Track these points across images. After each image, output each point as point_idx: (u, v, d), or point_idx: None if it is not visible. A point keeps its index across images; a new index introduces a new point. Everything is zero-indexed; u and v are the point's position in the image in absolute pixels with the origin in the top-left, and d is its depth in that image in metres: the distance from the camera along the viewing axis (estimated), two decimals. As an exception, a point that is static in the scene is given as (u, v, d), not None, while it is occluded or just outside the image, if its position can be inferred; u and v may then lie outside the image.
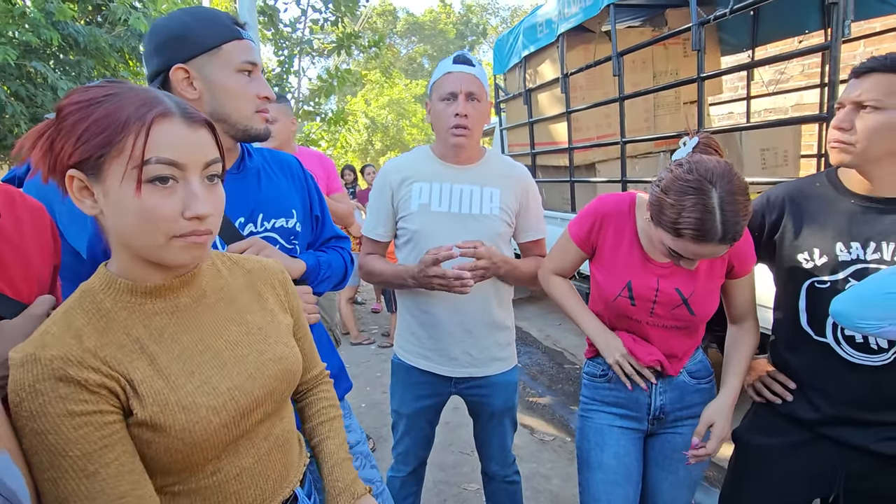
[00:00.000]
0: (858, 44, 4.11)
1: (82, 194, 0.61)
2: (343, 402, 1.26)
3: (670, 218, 0.97)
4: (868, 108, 0.97)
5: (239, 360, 0.71)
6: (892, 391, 1.02)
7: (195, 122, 0.63)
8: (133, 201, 0.59)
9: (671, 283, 1.14)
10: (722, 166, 0.96)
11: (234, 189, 1.02)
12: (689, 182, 0.95)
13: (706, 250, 0.97)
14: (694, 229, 0.94)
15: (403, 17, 24.31)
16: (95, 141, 0.58)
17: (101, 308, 0.63)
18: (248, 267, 0.81)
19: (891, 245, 1.00)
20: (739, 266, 1.16)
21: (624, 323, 1.22)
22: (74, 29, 4.27)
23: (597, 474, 1.25)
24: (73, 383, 0.57)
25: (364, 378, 3.66)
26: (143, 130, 0.59)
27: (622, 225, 1.19)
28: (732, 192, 0.93)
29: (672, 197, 0.96)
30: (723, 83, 4.32)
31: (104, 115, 0.59)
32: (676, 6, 3.36)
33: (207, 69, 0.94)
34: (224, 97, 0.96)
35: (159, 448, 0.63)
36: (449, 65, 1.35)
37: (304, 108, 6.76)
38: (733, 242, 0.96)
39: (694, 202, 0.93)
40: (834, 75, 1.82)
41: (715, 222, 0.93)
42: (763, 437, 1.19)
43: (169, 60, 0.94)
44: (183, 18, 0.95)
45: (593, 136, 3.47)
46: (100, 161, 0.59)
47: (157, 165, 0.59)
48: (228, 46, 0.95)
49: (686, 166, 0.98)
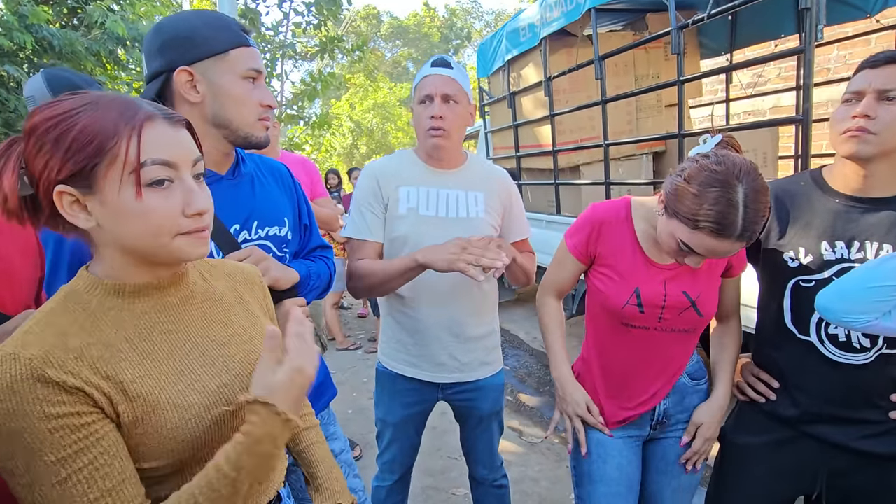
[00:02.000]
0: (832, 48, 4.23)
1: (73, 209, 0.60)
2: (327, 411, 1.24)
3: (691, 209, 0.94)
4: (893, 100, 0.95)
5: (227, 360, 0.71)
6: (872, 390, 1.04)
7: (176, 122, 0.64)
8: (135, 206, 0.59)
9: (678, 287, 1.13)
10: (749, 164, 0.94)
11: (230, 195, 1.01)
12: (717, 174, 0.92)
13: (722, 247, 0.94)
14: (714, 223, 0.91)
15: (387, 21, 24.32)
16: (86, 151, 0.57)
17: (88, 308, 0.63)
18: (226, 271, 0.81)
19: (874, 245, 1.01)
20: (737, 265, 1.17)
21: (627, 333, 1.18)
22: (49, 32, 4.17)
23: (599, 487, 1.22)
24: (51, 384, 0.56)
25: (350, 384, 3.62)
26: (135, 134, 0.59)
27: (621, 231, 1.16)
28: (757, 190, 0.92)
29: (696, 187, 0.93)
30: (703, 86, 4.39)
31: (90, 124, 0.58)
32: (656, 11, 3.41)
33: (212, 73, 0.93)
34: (228, 103, 0.94)
35: (151, 449, 0.62)
36: (427, 68, 1.35)
37: (288, 111, 6.71)
38: (749, 242, 0.94)
39: (718, 195, 0.91)
40: (808, 78, 1.86)
41: (737, 218, 0.90)
42: (747, 436, 1.20)
43: (173, 61, 0.92)
44: (191, 20, 0.93)
45: (577, 139, 3.50)
46: (93, 171, 0.58)
47: (154, 167, 0.60)
48: (235, 52, 0.94)
49: (714, 158, 0.95)
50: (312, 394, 1.16)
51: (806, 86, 1.87)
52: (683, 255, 1.01)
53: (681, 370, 1.21)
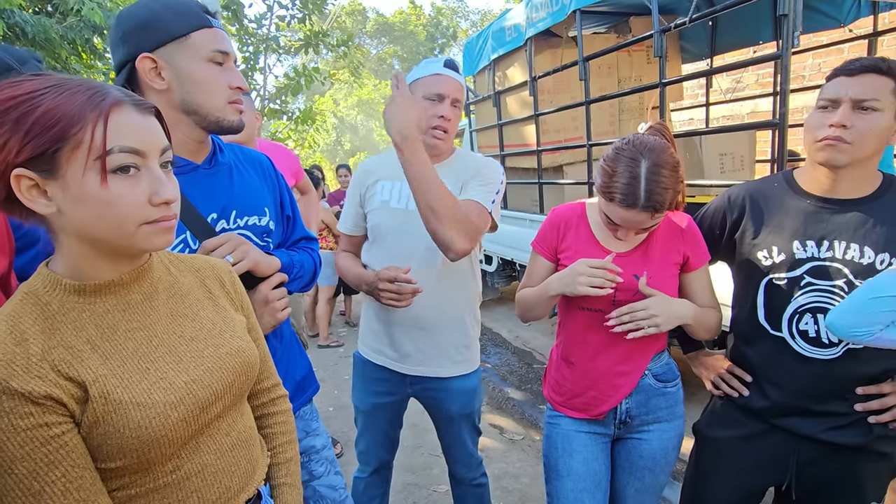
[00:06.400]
0: (807, 55, 4.35)
1: (32, 193, 0.58)
2: (310, 406, 1.23)
3: (605, 182, 1.09)
4: (867, 109, 0.97)
5: (195, 355, 0.70)
6: (840, 383, 1.08)
7: (145, 109, 0.63)
8: (99, 193, 0.58)
9: (629, 270, 1.17)
10: (657, 143, 1.08)
11: (206, 184, 0.99)
12: (623, 152, 1.08)
13: (631, 216, 1.06)
14: (621, 193, 1.05)
15: (373, 18, 24.15)
16: (49, 135, 0.56)
17: (48, 310, 0.61)
18: (195, 266, 0.80)
19: (842, 244, 1.05)
20: (694, 258, 1.20)
21: (588, 318, 1.21)
22: (22, 18, 4.03)
23: (566, 482, 1.24)
24: (16, 396, 0.54)
25: (332, 381, 3.60)
26: (101, 120, 0.57)
27: (578, 225, 1.26)
28: (659, 164, 1.04)
29: (608, 164, 1.09)
30: (683, 90, 4.48)
31: (53, 107, 0.56)
32: (640, 14, 3.46)
33: (176, 59, 0.90)
34: (194, 88, 0.92)
35: (113, 449, 0.60)
36: (439, 67, 1.36)
37: (271, 106, 6.61)
38: (655, 212, 1.06)
39: (623, 168, 1.06)
40: (785, 83, 1.91)
41: (639, 189, 1.04)
42: (721, 430, 1.24)
43: (136, 49, 0.89)
44: (150, 6, 0.91)
45: (561, 139, 3.54)
46: (55, 156, 0.56)
47: (120, 154, 0.58)
48: (198, 35, 0.91)
49: (627, 139, 1.10)
50: (296, 389, 1.15)
51: (783, 91, 1.92)
52: (614, 229, 1.13)
53: (645, 362, 1.22)
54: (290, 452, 0.88)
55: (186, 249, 0.95)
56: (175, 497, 0.67)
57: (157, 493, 0.66)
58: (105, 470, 0.62)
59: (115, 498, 0.63)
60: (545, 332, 4.50)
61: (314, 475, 1.17)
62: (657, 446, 1.25)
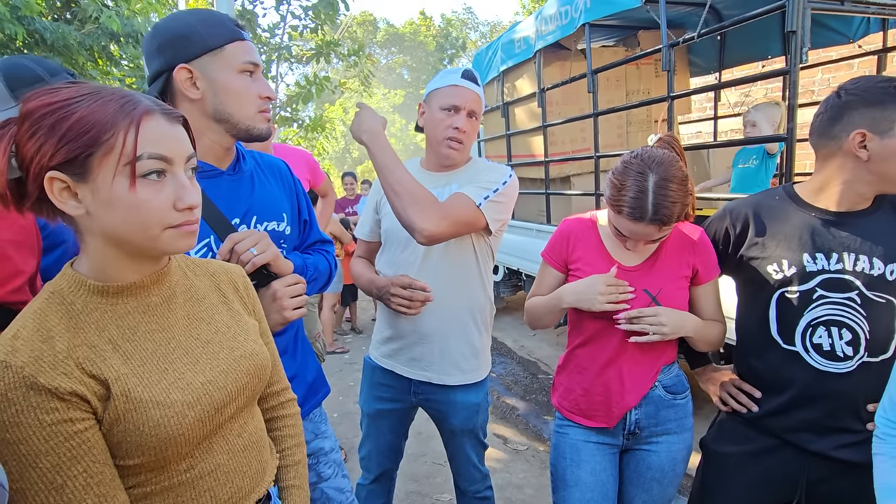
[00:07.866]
0: (816, 70, 4.36)
1: (63, 195, 0.61)
2: (319, 409, 1.24)
3: (614, 196, 1.10)
4: None
5: (211, 357, 0.72)
6: (854, 398, 1.07)
7: (174, 118, 0.65)
8: (127, 196, 0.60)
9: (640, 285, 1.18)
10: (665, 157, 1.09)
11: (230, 190, 1.03)
12: (632, 165, 1.09)
13: (640, 228, 1.08)
14: (629, 207, 1.07)
15: (384, 28, 24.46)
16: (82, 140, 0.58)
17: (72, 310, 0.63)
18: (210, 270, 0.82)
19: (851, 255, 1.06)
20: (704, 272, 1.21)
21: (601, 327, 1.22)
22: (41, 25, 4.13)
23: (573, 492, 1.24)
24: (43, 392, 0.56)
25: (337, 388, 3.60)
26: (133, 127, 0.60)
27: (588, 237, 1.27)
28: (667, 178, 1.06)
29: (617, 177, 1.11)
30: (692, 103, 4.50)
31: (88, 114, 0.59)
32: (648, 28, 3.50)
33: (210, 69, 0.95)
34: (227, 97, 0.96)
35: (132, 446, 0.62)
36: (457, 78, 1.36)
37: (282, 113, 6.70)
38: (663, 225, 1.07)
39: (631, 182, 1.07)
40: (793, 98, 1.92)
41: (646, 202, 1.05)
42: (729, 446, 1.22)
43: (172, 60, 0.93)
44: (186, 19, 0.95)
45: (568, 150, 3.56)
46: (88, 160, 0.59)
47: (149, 161, 0.61)
48: (231, 47, 0.96)
49: (635, 153, 1.12)
50: (307, 392, 1.17)
51: (791, 106, 1.94)
52: (624, 240, 1.15)
53: (655, 373, 1.22)
54: (298, 455, 0.89)
55: (210, 254, 0.98)
56: (188, 495, 0.68)
57: (171, 491, 0.67)
58: (122, 467, 0.63)
59: (131, 495, 0.65)
60: (550, 342, 4.49)
61: (322, 477, 1.18)
62: (666, 458, 1.24)
